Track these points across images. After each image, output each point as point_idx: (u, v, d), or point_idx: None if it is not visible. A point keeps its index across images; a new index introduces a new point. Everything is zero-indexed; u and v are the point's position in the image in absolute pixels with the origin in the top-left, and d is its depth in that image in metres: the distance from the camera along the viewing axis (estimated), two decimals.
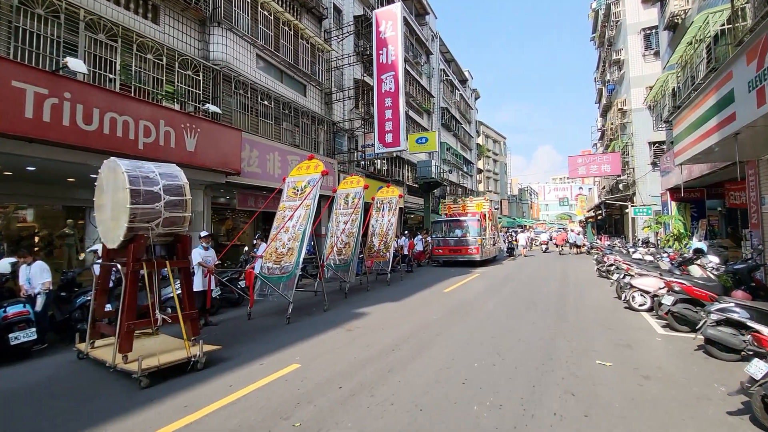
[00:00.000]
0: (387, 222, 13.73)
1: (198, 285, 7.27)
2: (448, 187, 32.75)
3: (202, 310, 7.45)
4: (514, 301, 9.65)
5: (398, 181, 25.05)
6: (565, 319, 7.65)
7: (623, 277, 9.53)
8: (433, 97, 32.41)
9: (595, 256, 16.10)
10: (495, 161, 63.94)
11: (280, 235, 8.83)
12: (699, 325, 5.44)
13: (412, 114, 27.95)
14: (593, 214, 36.14)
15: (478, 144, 50.67)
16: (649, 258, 11.12)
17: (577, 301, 9.50)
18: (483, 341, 6.10)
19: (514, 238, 25.27)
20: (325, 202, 14.05)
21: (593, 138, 36.36)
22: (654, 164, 20.97)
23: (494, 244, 21.31)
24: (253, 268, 7.83)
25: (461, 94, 41.85)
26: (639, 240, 18.14)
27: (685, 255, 9.00)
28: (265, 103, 13.99)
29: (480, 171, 52.49)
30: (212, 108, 10.02)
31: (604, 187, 28.02)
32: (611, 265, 13.17)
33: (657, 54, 20.97)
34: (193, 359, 4.88)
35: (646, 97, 17.31)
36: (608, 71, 27.09)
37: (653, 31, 20.99)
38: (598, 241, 26.38)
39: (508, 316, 7.89)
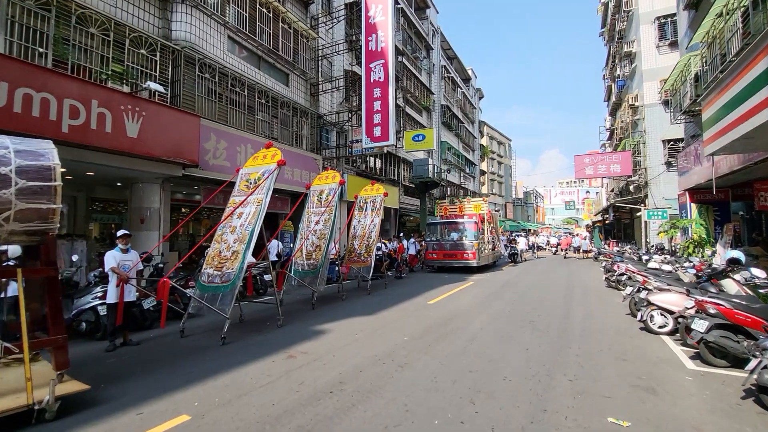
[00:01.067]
0: (369, 223, 12.29)
1: (111, 296, 5.90)
2: (448, 188, 31.25)
3: (123, 327, 6.08)
4: (507, 317, 8.16)
5: (393, 181, 23.65)
6: (568, 343, 6.15)
7: (638, 291, 8.01)
8: (433, 94, 31.00)
9: (604, 264, 14.54)
10: (500, 163, 62.33)
11: (225, 236, 7.43)
12: (751, 366, 3.95)
13: (409, 111, 26.55)
14: (601, 218, 34.43)
15: (481, 145, 49.14)
16: (668, 268, 9.57)
17: (584, 320, 7.99)
18: (457, 378, 4.64)
19: (515, 243, 23.72)
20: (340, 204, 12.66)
21: (601, 138, 34.72)
22: (668, 164, 19.36)
23: (494, 249, 19.78)
24: (170, 277, 6.39)
25: (464, 93, 40.39)
26: (652, 246, 16.53)
27: (716, 265, 7.47)
28: (237, 90, 12.65)
29: (483, 173, 50.93)
30: (154, 86, 8.66)
31: (612, 190, 26.38)
32: (622, 274, 11.64)
33: (672, 44, 19.39)
34: (37, 407, 3.48)
35: (662, 87, 15.63)
36: (618, 66, 25.51)
37: (668, 19, 19.42)
38: (606, 246, 24.73)
39: (496, 339, 6.41)
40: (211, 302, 6.56)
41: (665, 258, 11.39)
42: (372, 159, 21.51)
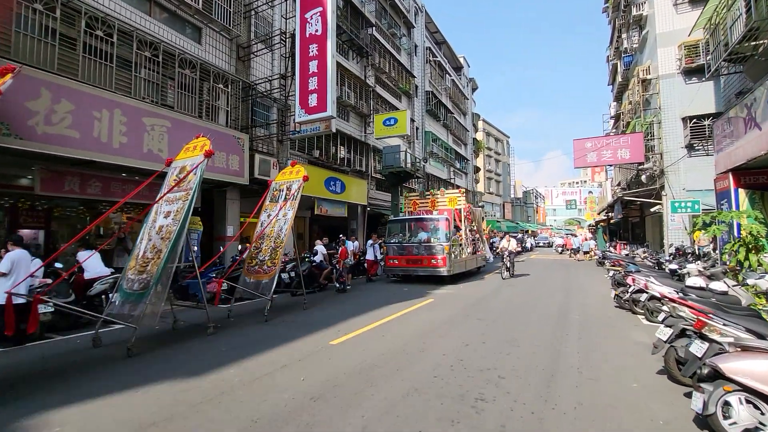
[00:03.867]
0: (282, 218, 8.72)
1: None
2: (428, 182, 27.62)
3: None
4: (443, 382, 4.54)
5: (360, 172, 20.06)
6: None
7: (684, 336, 4.37)
8: (415, 77, 27.43)
9: (611, 273, 10.89)
10: (497, 161, 58.76)
11: (152, 236, 6.32)
12: None
13: (383, 93, 23.01)
14: (605, 217, 30.70)
15: (475, 139, 45.48)
16: (719, 287, 5.90)
17: (583, 391, 4.36)
18: None
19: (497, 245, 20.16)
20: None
21: (605, 129, 31.01)
22: (690, 147, 15.70)
23: (474, 253, 16.14)
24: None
25: (454, 81, 36.81)
26: (675, 249, 12.83)
27: None
28: (99, 34, 9.10)
29: (478, 170, 47.26)
30: None
31: (619, 183, 22.71)
32: (640, 291, 8.01)
33: (694, 0, 15.78)
34: None
35: (695, 23, 11.69)
36: (626, 38, 21.87)
37: None
38: (612, 249, 21.02)
39: None
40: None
41: (707, 269, 7.73)
42: (332, 145, 17.93)
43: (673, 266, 9.12)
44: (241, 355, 5.43)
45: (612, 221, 29.17)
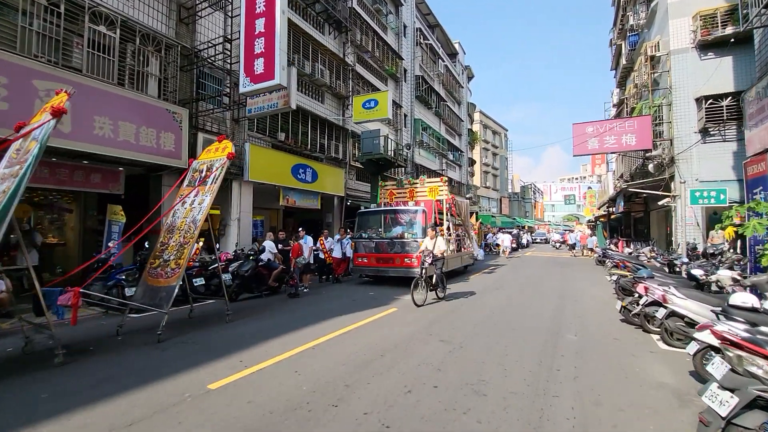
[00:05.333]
0: (198, 206, 6.79)
1: None
2: (417, 173, 25.67)
3: None
4: None
5: (337, 160, 18.10)
6: None
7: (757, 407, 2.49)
8: (403, 59, 25.37)
9: (616, 277, 9.02)
10: (494, 154, 56.79)
11: None
12: None
13: (364, 73, 20.98)
14: (605, 212, 28.84)
15: (470, 130, 43.43)
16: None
17: None
18: None
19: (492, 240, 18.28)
20: None
21: (607, 118, 28.99)
22: (705, 131, 13.77)
23: (459, 251, 14.24)
24: None
25: (447, 67, 34.70)
26: (691, 248, 10.93)
27: None
28: None
29: (473, 162, 45.25)
30: None
31: (621, 175, 20.82)
32: (653, 304, 6.16)
33: None
34: None
35: (697, 23, 10.04)
36: (631, 15, 19.85)
37: None
38: (613, 247, 19.16)
39: None
40: None
41: (754, 277, 5.83)
42: (301, 128, 15.94)
43: (697, 271, 7.22)
44: (57, 410, 3.54)
45: (613, 216, 27.33)
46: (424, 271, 8.73)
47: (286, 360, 4.92)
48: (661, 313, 5.86)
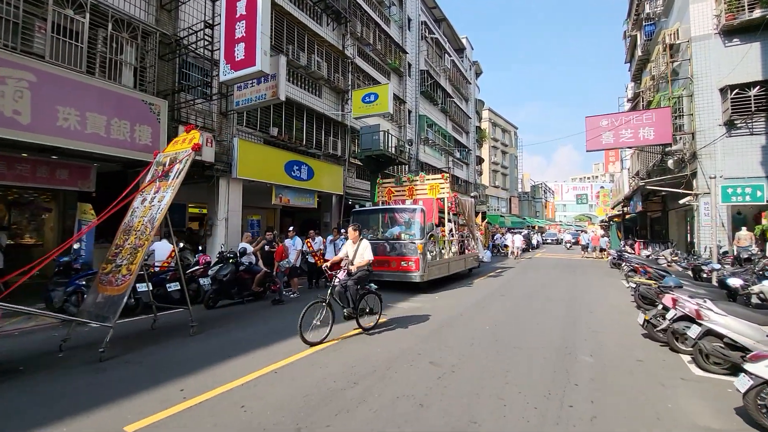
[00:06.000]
0: (157, 204, 6.00)
1: None
2: (419, 171, 24.73)
3: None
4: None
5: (335, 157, 17.26)
6: None
7: None
8: (407, 53, 24.46)
9: (636, 284, 8.02)
10: (504, 153, 55.53)
11: None
12: None
13: (367, 68, 20.16)
14: (619, 212, 27.56)
15: (478, 127, 42.29)
16: None
17: None
18: None
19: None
20: None
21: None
22: (730, 124, 12.63)
23: (463, 253, 13.31)
24: None
25: (454, 62, 33.67)
26: (721, 251, 9.86)
27: None
28: None
29: (482, 161, 44.07)
30: None
31: (637, 173, 19.63)
32: (683, 319, 5.20)
33: None
34: None
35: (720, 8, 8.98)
36: (648, 2, 18.67)
37: None
38: (628, 249, 18.01)
39: None
40: None
41: None
42: (296, 123, 15.13)
43: (734, 281, 6.19)
44: None
45: (628, 216, 26.06)
46: (335, 290, 6.04)
47: (238, 388, 4.07)
48: (694, 330, 4.89)
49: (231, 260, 8.80)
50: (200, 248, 11.43)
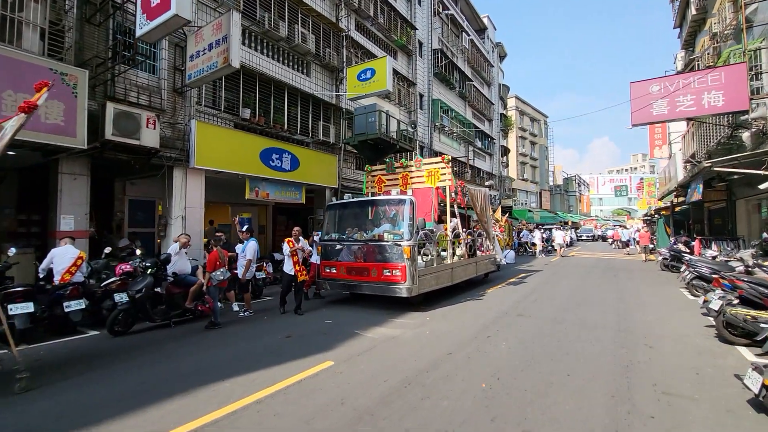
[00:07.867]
0: None
1: None
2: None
3: None
4: None
5: (328, 144, 14.92)
6: None
7: None
8: (416, 29, 21.82)
9: (713, 301, 5.23)
10: (533, 143, 51.70)
11: None
12: None
13: (367, 44, 17.73)
14: (667, 204, 23.85)
15: (502, 114, 38.94)
16: None
17: None
18: None
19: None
20: None
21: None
22: None
23: (473, 255, 10.70)
24: None
25: (473, 42, 30.59)
26: None
27: None
28: None
29: (507, 151, 40.64)
30: None
31: (693, 155, 16.23)
32: None
33: None
34: None
35: None
36: None
37: None
38: (683, 247, 14.72)
39: None
40: None
41: None
42: (273, 104, 12.90)
43: None
44: None
45: (677, 209, 22.37)
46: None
47: None
48: None
49: (149, 271, 6.65)
50: (141, 251, 9.39)
